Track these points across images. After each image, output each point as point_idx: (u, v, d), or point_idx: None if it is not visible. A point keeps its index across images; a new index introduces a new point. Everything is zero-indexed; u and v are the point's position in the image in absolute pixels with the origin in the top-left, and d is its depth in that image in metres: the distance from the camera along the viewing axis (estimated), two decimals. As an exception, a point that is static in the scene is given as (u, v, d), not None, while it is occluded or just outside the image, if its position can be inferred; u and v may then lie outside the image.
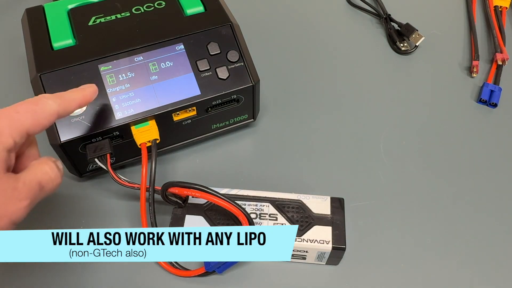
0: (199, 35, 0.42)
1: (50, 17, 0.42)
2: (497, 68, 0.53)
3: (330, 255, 0.37)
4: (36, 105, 0.30)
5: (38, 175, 0.30)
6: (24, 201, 0.29)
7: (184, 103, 0.40)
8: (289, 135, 0.47)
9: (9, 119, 0.29)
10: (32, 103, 0.30)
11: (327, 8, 0.61)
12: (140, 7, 0.44)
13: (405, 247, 0.40)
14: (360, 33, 0.58)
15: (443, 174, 0.45)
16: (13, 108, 0.30)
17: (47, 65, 0.39)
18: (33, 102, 0.30)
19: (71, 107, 0.33)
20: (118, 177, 0.38)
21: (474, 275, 0.39)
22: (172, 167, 0.45)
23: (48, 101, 0.31)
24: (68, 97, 0.32)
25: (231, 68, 0.41)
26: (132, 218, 0.41)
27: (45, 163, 0.31)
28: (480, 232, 0.41)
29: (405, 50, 0.55)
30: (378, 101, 0.51)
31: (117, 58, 0.40)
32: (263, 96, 0.46)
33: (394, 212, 0.42)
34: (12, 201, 0.28)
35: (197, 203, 0.39)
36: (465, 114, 0.50)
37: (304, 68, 0.54)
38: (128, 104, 0.39)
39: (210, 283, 0.37)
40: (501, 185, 0.44)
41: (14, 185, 0.29)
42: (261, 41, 0.56)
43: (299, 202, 0.39)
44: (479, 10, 0.61)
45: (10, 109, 0.30)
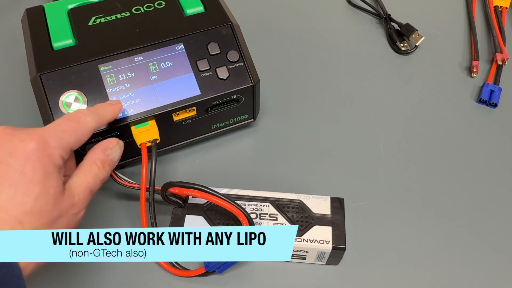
0: (199, 35, 0.42)
1: (50, 17, 0.42)
2: (497, 68, 0.53)
3: (330, 255, 0.37)
4: (78, 123, 0.32)
5: (89, 182, 0.32)
6: (81, 212, 0.31)
7: (184, 103, 0.40)
8: (289, 135, 0.47)
9: (57, 139, 0.30)
10: (74, 121, 0.32)
11: (327, 8, 0.61)
12: (140, 7, 0.44)
13: (405, 247, 0.40)
14: (360, 33, 0.58)
15: (443, 174, 0.45)
16: (58, 127, 0.31)
17: (47, 65, 0.38)
18: (75, 120, 0.32)
19: (104, 122, 0.35)
20: (118, 177, 0.38)
21: (474, 275, 0.39)
22: (172, 167, 0.45)
23: (87, 118, 0.32)
24: (102, 113, 0.34)
25: (231, 68, 0.41)
26: (132, 218, 0.41)
27: (94, 162, 0.33)
28: (480, 232, 0.41)
29: (405, 50, 0.55)
30: (378, 101, 0.51)
31: (117, 58, 0.40)
32: (263, 96, 0.46)
33: (394, 212, 0.42)
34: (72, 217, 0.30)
35: (197, 203, 0.39)
36: (465, 114, 0.50)
37: (304, 68, 0.54)
38: (128, 104, 0.39)
39: (210, 283, 0.37)
40: (501, 185, 0.44)
41: (71, 202, 0.30)
42: (261, 41, 0.56)
43: (299, 202, 0.39)
44: (479, 10, 0.61)
45: (55, 128, 0.31)
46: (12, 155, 0.28)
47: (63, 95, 0.38)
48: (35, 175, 0.28)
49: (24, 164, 0.28)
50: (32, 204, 0.27)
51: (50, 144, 0.29)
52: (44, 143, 0.29)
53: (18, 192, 0.27)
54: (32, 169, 0.28)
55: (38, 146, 0.29)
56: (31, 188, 0.28)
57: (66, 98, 0.37)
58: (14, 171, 0.28)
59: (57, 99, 0.37)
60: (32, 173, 0.28)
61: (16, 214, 0.27)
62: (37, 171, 0.28)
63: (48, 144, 0.29)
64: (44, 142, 0.29)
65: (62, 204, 0.29)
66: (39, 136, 0.29)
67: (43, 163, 0.28)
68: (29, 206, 0.27)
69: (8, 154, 0.28)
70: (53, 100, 0.37)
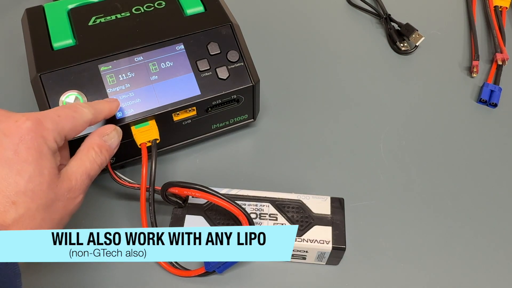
0: (199, 35, 0.42)
1: (50, 17, 0.42)
2: (497, 68, 0.53)
3: (330, 255, 0.37)
4: (75, 112, 0.32)
5: (87, 166, 0.32)
6: (79, 197, 0.31)
7: (184, 103, 0.40)
8: (289, 135, 0.47)
9: (53, 122, 0.30)
10: (72, 109, 0.32)
11: (327, 8, 0.61)
12: (140, 7, 0.44)
13: (405, 247, 0.40)
14: (360, 33, 0.58)
15: (443, 174, 0.45)
16: (55, 112, 0.31)
17: (47, 65, 0.38)
18: (72, 109, 0.32)
19: (101, 117, 0.35)
20: (118, 177, 0.38)
21: (474, 275, 0.39)
22: (172, 167, 0.45)
23: (85, 110, 0.33)
24: (99, 108, 0.34)
25: (231, 68, 0.41)
26: (132, 218, 0.41)
27: (91, 147, 0.33)
28: (480, 232, 0.41)
29: (405, 50, 0.55)
30: (378, 101, 0.51)
31: (117, 58, 0.40)
32: (263, 96, 0.46)
33: (394, 212, 0.42)
34: (70, 201, 0.30)
35: (197, 203, 0.39)
36: (465, 114, 0.50)
37: (304, 68, 0.54)
38: (128, 104, 0.39)
39: (210, 283, 0.37)
40: (501, 185, 0.44)
41: (68, 186, 0.30)
42: (261, 41, 0.56)
43: (299, 202, 0.39)
44: (479, 10, 0.61)
45: (52, 112, 0.31)
46: (6, 135, 0.28)
47: (63, 95, 0.38)
48: (28, 155, 0.28)
49: (17, 143, 0.28)
50: (25, 184, 0.27)
51: (45, 126, 0.29)
52: (40, 124, 0.29)
53: (11, 172, 0.27)
54: (26, 149, 0.28)
55: (33, 127, 0.28)
56: (25, 168, 0.27)
57: (66, 98, 0.37)
58: (8, 151, 0.27)
59: (57, 99, 0.37)
60: (26, 153, 0.28)
61: (9, 194, 0.27)
62: (31, 151, 0.28)
63: (43, 125, 0.29)
64: (40, 123, 0.29)
65: (58, 187, 0.29)
66: (35, 117, 0.29)
67: (37, 143, 0.28)
68: (22, 186, 0.27)
69: (2, 134, 0.28)
70: (53, 100, 0.37)
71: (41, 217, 0.28)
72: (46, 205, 0.28)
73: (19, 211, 0.27)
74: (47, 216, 0.28)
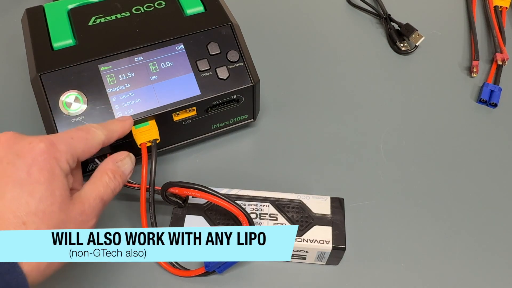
0: (199, 35, 0.42)
1: (50, 17, 0.42)
2: (497, 68, 0.53)
3: (330, 255, 0.37)
4: (88, 134, 0.32)
5: (100, 191, 0.32)
6: (92, 221, 0.31)
7: (184, 103, 0.40)
8: (289, 135, 0.47)
9: (66, 144, 0.30)
10: (85, 131, 0.32)
11: (327, 8, 0.61)
12: (140, 7, 0.44)
13: (405, 247, 0.40)
14: (360, 33, 0.58)
15: (443, 174, 0.45)
16: (68, 134, 0.31)
17: (47, 65, 0.38)
18: (85, 130, 0.32)
19: (114, 137, 0.35)
20: (118, 177, 0.38)
21: (474, 275, 0.39)
22: (172, 167, 0.45)
23: (97, 131, 0.33)
24: (112, 128, 0.35)
25: (231, 68, 0.41)
26: (132, 218, 0.41)
27: (105, 172, 0.33)
28: (480, 232, 0.41)
29: (405, 50, 0.55)
30: (378, 101, 0.51)
31: (117, 58, 0.40)
32: (263, 96, 0.46)
33: (394, 212, 0.42)
34: (82, 224, 0.30)
35: (197, 203, 0.39)
36: (465, 114, 0.50)
37: (304, 68, 0.54)
38: (128, 104, 0.39)
39: (210, 283, 0.37)
40: (501, 185, 0.44)
41: (81, 209, 0.30)
42: (261, 41, 0.56)
43: (299, 202, 0.39)
44: (479, 10, 0.61)
45: (65, 135, 0.31)
46: (19, 156, 0.28)
47: (63, 95, 0.38)
48: (41, 176, 0.28)
49: (30, 164, 0.28)
50: (37, 205, 0.27)
51: (58, 148, 0.29)
52: (53, 145, 0.29)
53: (23, 192, 0.27)
54: (38, 170, 0.28)
55: (46, 148, 0.29)
56: (36, 188, 0.28)
57: (66, 98, 0.37)
58: (21, 172, 0.28)
59: (57, 99, 0.37)
60: (38, 174, 0.28)
61: (20, 214, 0.27)
62: (43, 172, 0.28)
63: (56, 147, 0.29)
64: (53, 145, 0.29)
65: (70, 209, 0.29)
66: (48, 139, 0.29)
67: (50, 164, 0.28)
68: (33, 206, 0.27)
69: (15, 155, 0.28)
70: (53, 100, 0.37)
71: None
72: (57, 227, 0.28)
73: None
74: None
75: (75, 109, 0.38)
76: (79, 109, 0.38)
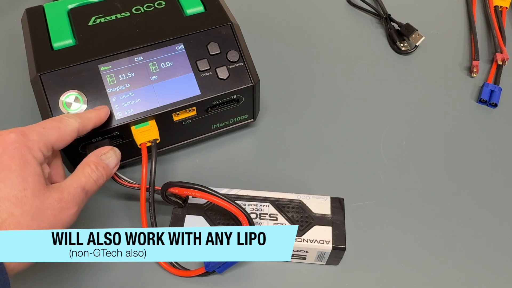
0: (199, 35, 0.42)
1: (50, 17, 0.42)
2: (497, 68, 0.53)
3: (330, 255, 0.37)
4: (60, 122, 0.33)
5: (81, 180, 0.32)
6: (72, 209, 0.31)
7: (184, 103, 0.40)
8: (289, 135, 0.47)
9: (37, 134, 0.31)
10: (56, 120, 0.33)
11: (327, 8, 0.61)
12: (140, 7, 0.44)
13: (405, 247, 0.40)
14: (360, 33, 0.58)
15: (443, 174, 0.45)
16: (40, 124, 0.32)
17: (47, 65, 0.38)
18: (57, 120, 0.33)
19: (89, 125, 0.35)
20: (118, 177, 0.38)
21: (474, 275, 0.39)
22: (172, 167, 0.45)
23: (70, 120, 0.34)
24: (86, 117, 0.35)
25: (231, 68, 0.41)
26: (132, 218, 0.41)
27: (87, 164, 0.33)
28: (480, 232, 0.41)
29: (405, 50, 0.55)
30: (378, 101, 0.51)
31: (117, 58, 0.40)
32: (263, 96, 0.46)
33: (394, 212, 0.42)
34: (61, 211, 0.30)
35: (197, 203, 0.39)
36: (465, 114, 0.50)
37: (304, 68, 0.54)
38: (128, 104, 0.39)
39: (210, 283, 0.37)
40: (501, 185, 0.44)
41: (59, 197, 0.30)
42: (261, 41, 0.56)
43: (299, 202, 0.39)
44: (479, 10, 0.61)
45: (37, 125, 0.32)
46: None
47: (63, 95, 0.38)
48: (12, 163, 0.28)
49: (1, 154, 0.28)
50: (9, 191, 0.28)
51: (30, 137, 0.30)
52: (24, 135, 0.30)
53: None
54: (9, 158, 0.28)
55: (16, 138, 0.29)
56: (8, 175, 0.28)
57: (66, 98, 0.37)
58: None
59: (57, 99, 0.37)
60: (9, 161, 0.28)
61: None
62: (15, 159, 0.28)
63: (28, 136, 0.30)
64: (24, 134, 0.30)
65: (46, 196, 0.29)
66: (19, 130, 0.30)
67: (21, 152, 0.29)
68: (5, 192, 0.28)
69: None
70: (53, 100, 0.37)
71: (28, 224, 0.28)
72: (32, 212, 0.28)
73: (1, 216, 0.27)
74: (34, 224, 0.28)
75: (75, 109, 0.37)
76: (79, 109, 0.38)
